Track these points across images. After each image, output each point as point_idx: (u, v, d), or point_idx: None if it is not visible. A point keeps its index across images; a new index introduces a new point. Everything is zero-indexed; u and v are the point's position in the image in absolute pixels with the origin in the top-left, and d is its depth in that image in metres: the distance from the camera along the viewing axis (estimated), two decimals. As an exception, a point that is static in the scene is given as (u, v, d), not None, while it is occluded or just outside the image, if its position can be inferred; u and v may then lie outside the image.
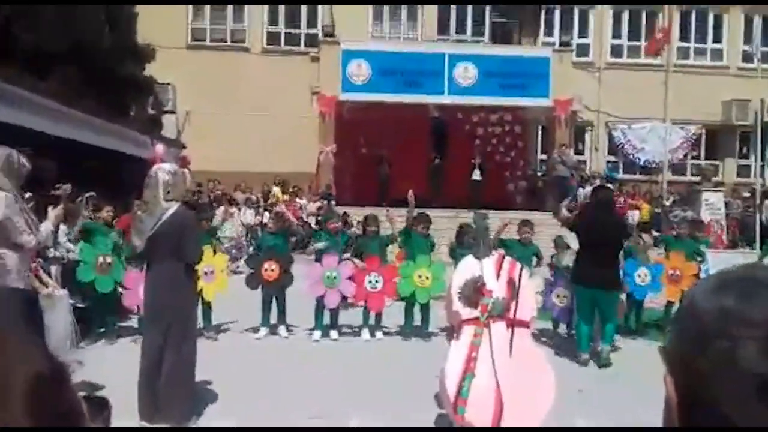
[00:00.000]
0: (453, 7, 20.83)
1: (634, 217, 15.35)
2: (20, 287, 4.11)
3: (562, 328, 8.04)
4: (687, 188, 18.42)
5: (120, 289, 7.32)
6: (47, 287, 6.29)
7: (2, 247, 4.03)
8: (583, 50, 20.82)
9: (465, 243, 7.51)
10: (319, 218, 12.66)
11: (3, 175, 4.04)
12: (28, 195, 6.57)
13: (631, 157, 21.08)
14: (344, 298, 7.70)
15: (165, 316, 4.68)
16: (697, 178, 18.64)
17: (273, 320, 7.68)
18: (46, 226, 4.20)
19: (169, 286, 4.68)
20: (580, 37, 21.09)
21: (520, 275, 4.79)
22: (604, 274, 6.52)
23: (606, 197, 7.08)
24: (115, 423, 0.98)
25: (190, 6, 20.35)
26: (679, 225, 9.35)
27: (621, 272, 7.19)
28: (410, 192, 8.03)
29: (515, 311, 4.65)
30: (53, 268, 6.86)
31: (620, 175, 20.18)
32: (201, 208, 11.29)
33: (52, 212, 4.33)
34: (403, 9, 20.97)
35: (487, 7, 20.82)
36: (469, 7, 20.85)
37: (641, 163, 21.01)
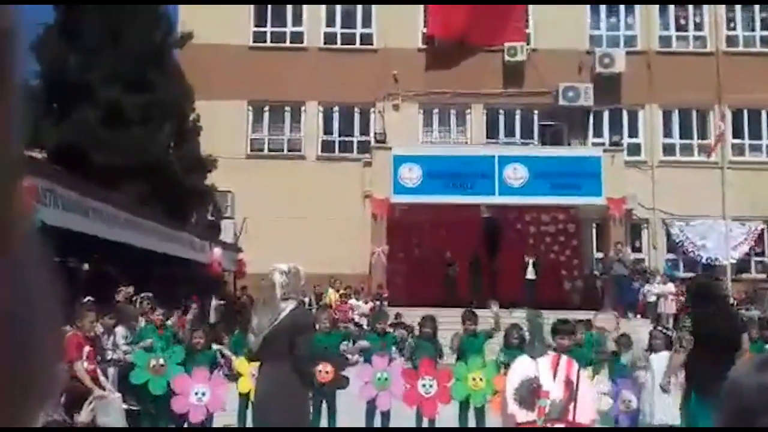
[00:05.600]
0: (501, 112, 21.44)
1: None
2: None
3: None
4: (752, 286, 17.66)
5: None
6: (103, 389, 6.42)
7: None
8: (634, 149, 20.84)
9: (512, 344, 7.34)
10: (370, 319, 12.68)
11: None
12: (88, 299, 6.87)
13: (692, 254, 20.47)
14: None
15: (272, 420, 4.54)
16: (763, 275, 17.92)
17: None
18: None
19: (275, 390, 4.53)
20: (630, 136, 21.20)
21: (578, 375, 4.63)
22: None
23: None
24: None
25: (251, 119, 21.57)
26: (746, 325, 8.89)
27: None
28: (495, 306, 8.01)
29: (574, 413, 4.46)
30: (111, 370, 6.99)
31: (681, 273, 19.55)
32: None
33: None
34: (453, 115, 21.67)
35: (536, 112, 21.34)
36: (518, 112, 21.42)
37: (703, 260, 20.34)
